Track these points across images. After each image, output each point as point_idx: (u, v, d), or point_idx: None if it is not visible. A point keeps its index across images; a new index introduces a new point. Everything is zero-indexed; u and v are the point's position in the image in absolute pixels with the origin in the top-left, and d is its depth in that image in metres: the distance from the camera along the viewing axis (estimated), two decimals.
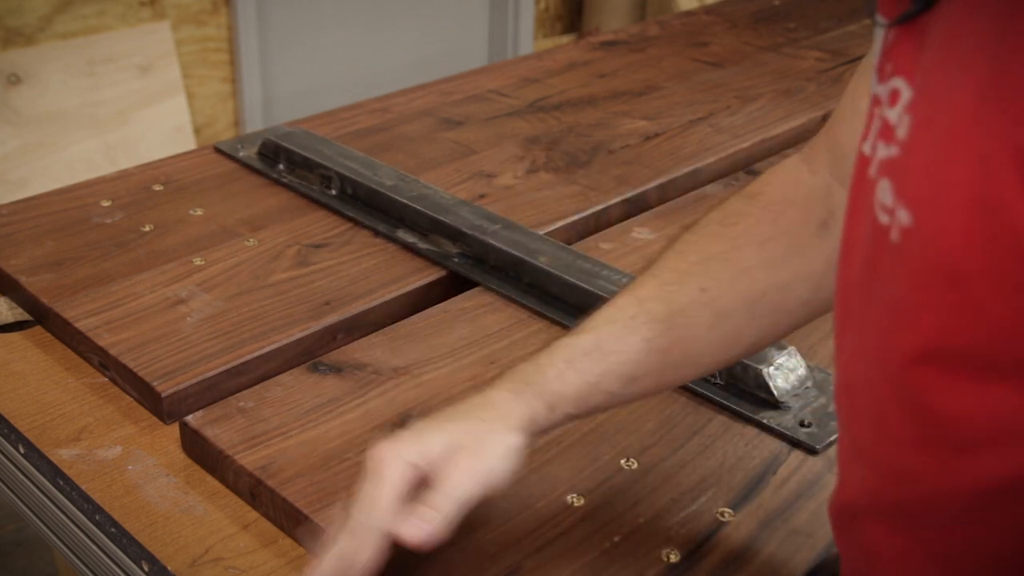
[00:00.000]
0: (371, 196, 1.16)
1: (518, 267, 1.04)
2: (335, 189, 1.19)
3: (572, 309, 0.98)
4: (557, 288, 1.00)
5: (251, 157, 1.28)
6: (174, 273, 1.04)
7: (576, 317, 0.92)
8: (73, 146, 2.50)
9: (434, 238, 1.10)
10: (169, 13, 2.63)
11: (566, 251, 1.05)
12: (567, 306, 0.99)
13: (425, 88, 1.57)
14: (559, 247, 1.06)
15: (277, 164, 1.26)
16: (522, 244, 1.05)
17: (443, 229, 1.09)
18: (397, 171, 1.20)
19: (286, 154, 1.25)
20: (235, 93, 2.81)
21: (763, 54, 1.76)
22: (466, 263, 1.07)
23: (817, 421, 0.87)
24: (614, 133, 1.43)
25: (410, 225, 1.12)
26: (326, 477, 0.78)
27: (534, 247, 1.05)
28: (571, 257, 1.03)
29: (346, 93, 2.81)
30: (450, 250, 1.08)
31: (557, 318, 0.98)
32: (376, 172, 1.19)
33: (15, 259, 1.06)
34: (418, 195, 1.14)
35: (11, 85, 2.41)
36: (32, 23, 2.44)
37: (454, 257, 1.07)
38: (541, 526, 0.75)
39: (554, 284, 1.01)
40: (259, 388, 0.88)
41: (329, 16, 2.95)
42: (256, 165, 1.26)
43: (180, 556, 0.75)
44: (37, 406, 0.89)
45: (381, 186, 1.16)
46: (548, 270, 1.01)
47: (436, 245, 1.09)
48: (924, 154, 0.50)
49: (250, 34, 2.77)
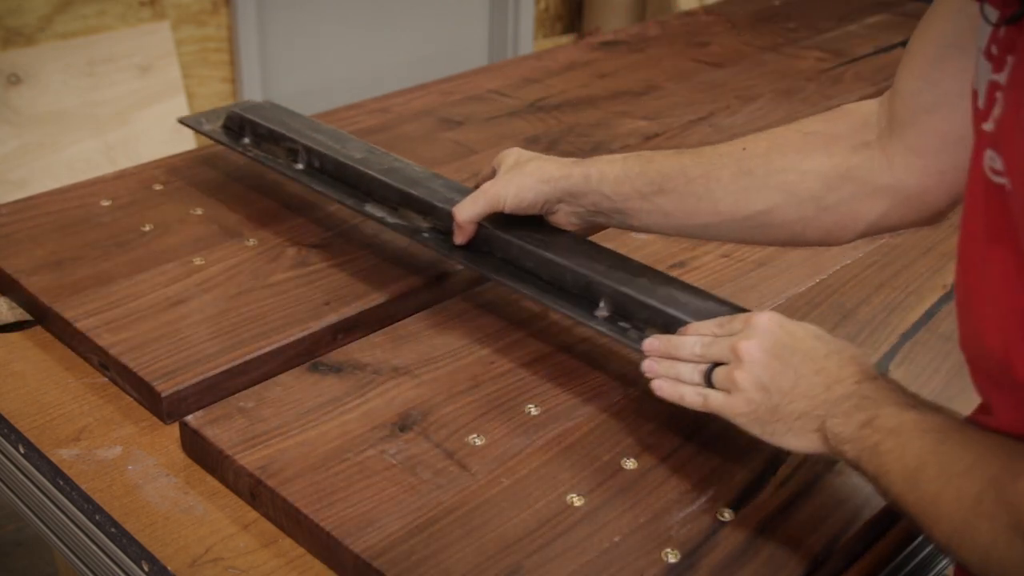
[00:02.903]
0: (339, 169, 1.10)
1: (490, 242, 0.98)
2: (302, 163, 1.13)
3: (545, 284, 0.94)
4: (532, 263, 0.95)
5: (216, 131, 1.22)
6: (174, 273, 1.04)
7: (553, 294, 0.92)
8: (73, 146, 2.50)
9: (404, 212, 1.04)
10: (169, 13, 2.63)
11: (539, 228, 0.97)
12: (540, 280, 0.94)
13: (425, 88, 1.57)
14: (532, 220, 0.98)
15: (242, 138, 1.20)
16: (495, 217, 0.97)
17: (413, 203, 1.03)
18: (367, 144, 1.14)
19: (251, 127, 1.19)
20: (235, 93, 2.81)
21: (763, 54, 1.76)
22: (437, 238, 1.00)
23: None
24: (614, 133, 1.43)
25: (379, 199, 1.06)
26: (326, 477, 0.78)
27: (508, 223, 0.98)
28: (544, 234, 0.97)
29: (346, 93, 2.80)
30: (420, 224, 1.02)
31: (533, 295, 0.92)
32: (345, 145, 1.13)
33: (15, 259, 1.06)
34: (388, 168, 1.08)
35: (11, 85, 2.41)
36: (32, 23, 2.43)
37: (424, 232, 1.01)
38: (541, 526, 0.75)
39: (529, 259, 0.95)
40: (259, 388, 0.88)
41: (329, 16, 2.95)
42: (221, 139, 1.21)
43: (180, 556, 0.75)
44: (37, 406, 0.89)
45: (349, 159, 1.09)
46: (521, 244, 0.95)
47: (406, 219, 1.03)
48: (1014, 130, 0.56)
49: (250, 34, 2.76)
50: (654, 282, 0.90)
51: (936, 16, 0.77)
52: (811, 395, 0.72)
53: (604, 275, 0.90)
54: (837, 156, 0.84)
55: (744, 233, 0.89)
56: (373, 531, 0.73)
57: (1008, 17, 0.59)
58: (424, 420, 0.85)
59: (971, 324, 0.66)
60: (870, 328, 1.02)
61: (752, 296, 1.06)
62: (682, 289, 0.89)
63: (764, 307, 1.05)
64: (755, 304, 1.05)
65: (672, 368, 0.80)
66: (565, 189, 0.92)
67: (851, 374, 0.72)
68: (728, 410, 0.75)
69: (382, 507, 0.76)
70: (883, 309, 1.06)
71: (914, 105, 0.79)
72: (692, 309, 0.85)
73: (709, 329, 0.80)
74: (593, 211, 0.93)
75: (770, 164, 0.85)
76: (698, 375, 0.78)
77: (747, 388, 0.74)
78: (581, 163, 0.92)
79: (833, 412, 0.71)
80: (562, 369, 0.93)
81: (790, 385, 0.73)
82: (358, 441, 0.83)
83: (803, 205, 0.85)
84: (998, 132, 0.59)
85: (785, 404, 0.73)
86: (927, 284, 1.10)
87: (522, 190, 0.92)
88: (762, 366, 0.74)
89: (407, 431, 0.84)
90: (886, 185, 0.82)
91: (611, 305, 0.89)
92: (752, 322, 0.76)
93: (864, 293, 1.08)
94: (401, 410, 0.86)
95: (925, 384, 0.94)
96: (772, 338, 0.75)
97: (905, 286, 1.10)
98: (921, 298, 1.08)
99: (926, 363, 0.97)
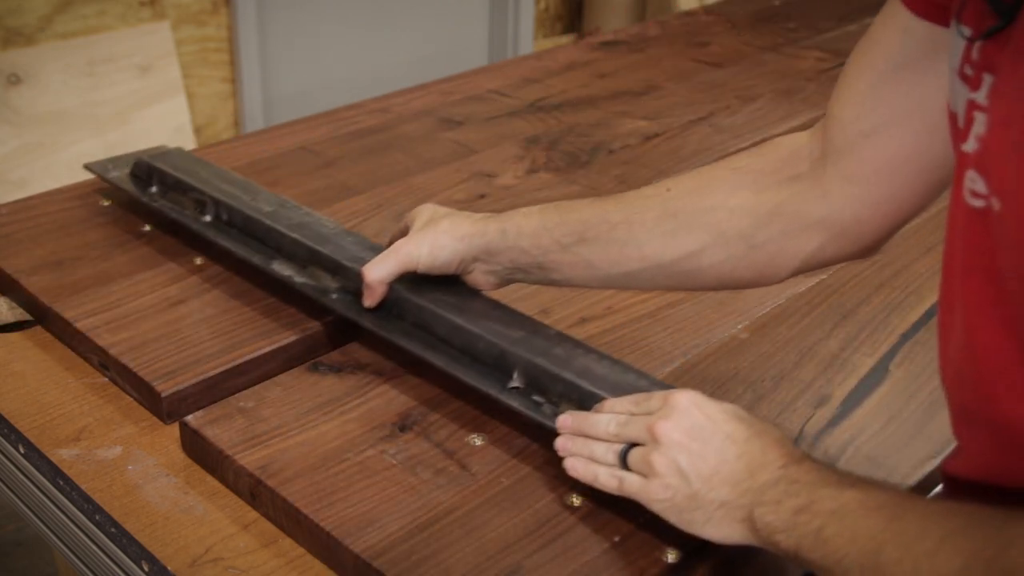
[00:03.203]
0: (247, 223, 1.04)
1: (401, 305, 0.92)
2: (210, 215, 1.07)
3: (456, 352, 0.88)
4: (443, 329, 0.89)
5: (122, 178, 1.16)
6: (174, 273, 1.04)
7: (462, 362, 0.87)
8: (73, 146, 2.50)
9: (312, 270, 0.98)
10: (169, 13, 2.63)
11: (453, 290, 0.92)
12: (451, 348, 0.88)
13: (425, 88, 1.57)
14: (446, 282, 0.92)
15: (150, 187, 1.14)
16: (407, 278, 0.91)
17: (321, 261, 0.97)
18: (279, 197, 1.08)
19: (159, 176, 1.13)
20: (235, 93, 2.81)
21: (763, 54, 1.76)
22: (345, 299, 0.94)
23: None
24: (614, 133, 1.44)
25: (288, 256, 1.00)
26: (326, 477, 0.78)
27: (420, 284, 0.92)
28: (458, 298, 0.91)
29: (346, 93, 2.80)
30: (329, 284, 0.96)
31: (442, 365, 0.87)
32: (255, 197, 1.07)
33: (15, 259, 1.06)
34: (297, 223, 1.02)
35: (11, 85, 2.41)
36: (32, 23, 2.43)
37: (332, 292, 0.95)
38: (541, 526, 0.75)
39: (440, 325, 0.89)
40: (259, 388, 0.88)
41: (329, 16, 2.95)
42: (126, 187, 1.15)
43: (180, 556, 0.75)
44: (37, 406, 0.89)
45: (258, 212, 1.04)
46: (433, 309, 0.89)
47: (314, 279, 0.97)
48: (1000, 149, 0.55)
49: (250, 34, 2.77)
50: (571, 353, 0.85)
51: (877, 39, 0.74)
52: (734, 481, 0.68)
53: (518, 344, 0.85)
54: (766, 191, 0.80)
55: (673, 279, 0.84)
56: (373, 531, 0.73)
57: (985, 32, 0.57)
58: (424, 420, 0.85)
59: (948, 357, 0.64)
60: (870, 328, 1.02)
61: (752, 297, 1.06)
62: (600, 360, 0.84)
63: (764, 307, 1.05)
64: (755, 304, 1.05)
65: (586, 447, 0.75)
66: (481, 246, 0.87)
67: (776, 458, 0.68)
68: (644, 496, 0.71)
69: (382, 507, 0.76)
70: (883, 309, 1.06)
71: (852, 131, 0.75)
72: (610, 383, 0.81)
73: (625, 407, 0.76)
74: (511, 268, 0.88)
75: (696, 204, 0.82)
76: (612, 455, 0.73)
77: (664, 473, 0.70)
78: (497, 218, 0.88)
79: (760, 500, 0.66)
80: None
81: (710, 471, 0.69)
82: (358, 441, 0.83)
83: (732, 244, 0.81)
84: (982, 152, 0.57)
85: (705, 491, 0.68)
86: (927, 284, 1.10)
87: (436, 248, 0.88)
88: (680, 449, 0.70)
89: (407, 431, 0.84)
90: (820, 218, 0.78)
91: (524, 377, 0.84)
92: (670, 401, 0.72)
93: (864, 293, 1.08)
94: (401, 410, 0.86)
95: (925, 384, 0.94)
96: (691, 419, 0.71)
97: (905, 286, 1.10)
98: (921, 298, 1.08)
99: (926, 363, 0.97)
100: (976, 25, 0.59)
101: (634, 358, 0.97)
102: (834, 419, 0.90)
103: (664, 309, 1.04)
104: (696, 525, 0.69)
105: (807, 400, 0.92)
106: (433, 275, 0.90)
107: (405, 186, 1.27)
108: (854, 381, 0.95)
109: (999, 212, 0.55)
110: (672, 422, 0.71)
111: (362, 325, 0.92)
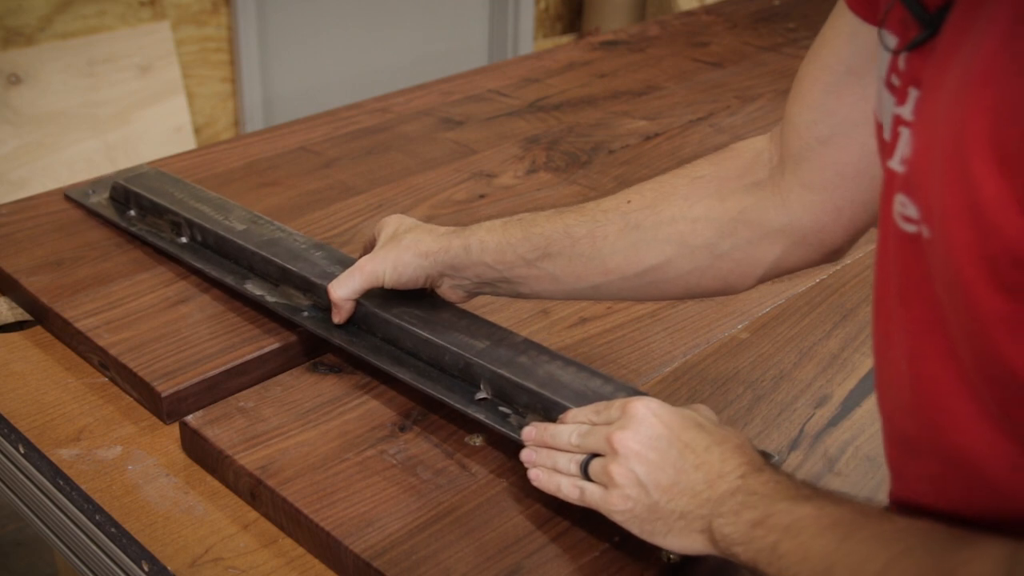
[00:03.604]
0: (220, 243, 1.03)
1: (369, 320, 0.92)
2: (185, 236, 1.07)
3: (424, 365, 0.88)
4: (411, 343, 0.89)
5: (102, 204, 1.16)
6: (174, 273, 1.04)
7: (431, 375, 0.87)
8: (73, 146, 2.50)
9: (284, 288, 0.97)
10: (169, 13, 2.63)
11: (421, 303, 0.92)
12: (419, 362, 0.88)
13: (425, 88, 1.57)
14: (413, 296, 0.92)
15: (128, 210, 1.13)
16: (374, 296, 0.91)
17: (292, 279, 0.96)
18: (252, 213, 1.07)
19: (136, 199, 1.12)
20: (235, 93, 2.81)
21: (763, 54, 1.76)
22: (316, 316, 0.94)
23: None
24: (614, 133, 1.44)
25: (260, 274, 1.00)
26: (326, 477, 0.78)
27: (387, 299, 0.92)
28: (425, 311, 0.91)
29: (346, 93, 2.81)
30: (301, 302, 0.96)
31: (410, 379, 0.86)
32: (228, 215, 1.07)
33: (15, 259, 1.06)
34: (268, 240, 1.01)
35: (11, 85, 2.41)
36: (32, 23, 2.43)
37: (304, 310, 0.95)
38: (541, 526, 0.75)
39: (407, 339, 0.89)
40: (259, 388, 0.88)
41: (329, 16, 2.95)
42: (106, 213, 1.14)
43: (180, 556, 0.75)
44: (37, 406, 0.89)
45: (230, 232, 1.03)
46: (400, 323, 0.89)
47: (286, 297, 0.96)
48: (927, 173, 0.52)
49: (250, 34, 2.76)
50: (535, 360, 0.85)
51: (828, 43, 0.72)
52: (693, 492, 0.67)
53: (483, 355, 0.85)
54: (729, 199, 0.79)
55: (638, 290, 0.84)
56: (373, 531, 0.73)
57: (909, 43, 0.55)
58: (424, 420, 0.85)
59: (888, 385, 0.62)
60: (870, 328, 1.02)
61: (752, 297, 1.06)
62: (565, 367, 0.84)
63: (764, 307, 1.05)
64: (755, 304, 1.05)
65: (550, 457, 0.75)
66: (445, 263, 0.87)
67: (735, 467, 0.67)
68: (604, 507, 0.70)
69: (382, 507, 0.76)
70: None
71: (808, 137, 0.74)
72: (573, 391, 0.81)
73: (586, 416, 0.75)
74: (478, 282, 0.88)
75: (658, 215, 0.81)
76: (574, 466, 0.73)
77: (623, 484, 0.69)
78: (460, 233, 0.87)
79: (719, 511, 0.65)
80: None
81: (669, 481, 0.68)
82: (358, 441, 0.83)
83: (696, 254, 0.80)
84: (910, 175, 0.55)
85: (665, 502, 0.68)
86: None
87: (400, 266, 0.87)
88: (638, 459, 0.69)
89: (407, 431, 0.84)
90: (781, 226, 0.77)
91: (491, 388, 0.84)
92: (628, 410, 0.71)
93: (864, 293, 1.08)
94: (401, 410, 0.86)
95: None
96: (649, 429, 0.70)
97: None
98: None
99: None
100: (902, 34, 0.57)
101: (634, 358, 0.97)
102: (834, 419, 0.90)
103: (664, 309, 1.04)
104: (657, 536, 0.69)
105: (807, 400, 0.92)
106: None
107: (405, 186, 1.27)
108: (854, 381, 0.95)
109: (929, 239, 0.53)
110: (630, 432, 0.70)
111: (332, 342, 0.91)
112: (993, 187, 0.46)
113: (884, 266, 0.60)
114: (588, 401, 0.78)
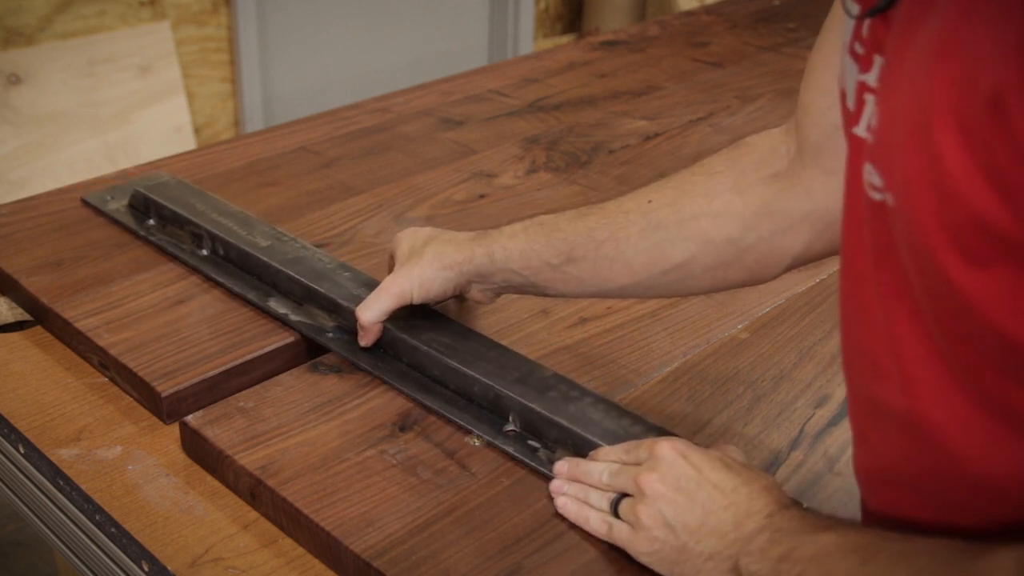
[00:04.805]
0: (243, 259, 1.02)
1: (396, 346, 0.91)
2: (206, 249, 1.05)
3: (452, 394, 0.87)
4: (438, 371, 0.88)
5: (120, 210, 1.14)
6: (174, 273, 1.04)
7: (458, 404, 0.86)
8: (73, 146, 2.50)
9: (308, 308, 0.97)
10: (169, 13, 2.63)
11: (448, 330, 0.91)
12: (447, 390, 0.88)
13: (425, 88, 1.57)
14: (442, 321, 0.93)
15: (147, 219, 1.12)
16: (403, 314, 0.90)
17: (317, 299, 0.96)
18: (276, 229, 1.07)
19: (156, 208, 1.11)
20: (235, 93, 2.81)
21: (763, 54, 1.76)
22: (342, 338, 0.93)
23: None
24: (614, 133, 1.44)
25: (284, 292, 0.99)
26: (326, 477, 0.78)
27: (415, 323, 0.91)
28: (453, 338, 0.90)
29: (346, 93, 2.80)
30: (325, 323, 0.95)
31: (436, 407, 0.86)
32: (251, 230, 1.05)
33: (15, 259, 1.06)
34: (293, 258, 1.00)
35: (11, 85, 2.41)
36: (32, 23, 2.43)
37: (328, 331, 0.94)
38: (541, 526, 0.75)
39: (435, 367, 0.88)
40: (259, 388, 0.88)
41: (329, 16, 2.95)
42: (124, 220, 1.12)
43: (180, 556, 0.75)
44: (37, 406, 0.89)
45: (254, 247, 1.02)
46: (428, 351, 0.88)
47: (310, 317, 0.96)
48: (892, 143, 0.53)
49: (250, 34, 2.76)
50: (565, 397, 0.84)
51: (836, 27, 0.72)
52: (721, 533, 0.67)
53: (513, 387, 0.84)
54: (749, 193, 0.80)
55: (665, 288, 0.84)
56: (373, 531, 0.73)
57: (870, 9, 0.56)
58: (424, 420, 0.85)
59: (856, 349, 0.63)
60: None
61: (752, 296, 1.06)
62: (595, 404, 0.83)
63: (764, 307, 1.05)
64: (755, 304, 1.05)
65: (582, 491, 0.75)
66: (471, 272, 0.87)
67: (762, 506, 0.67)
68: (631, 548, 0.71)
69: (382, 507, 0.76)
70: None
71: (825, 123, 0.74)
72: (603, 429, 0.80)
73: (617, 455, 0.75)
74: (505, 286, 0.88)
75: (679, 212, 0.81)
76: (606, 503, 0.73)
77: (650, 525, 0.69)
78: (481, 241, 0.86)
79: (746, 550, 0.65)
80: (562, 368, 0.93)
81: (697, 523, 0.68)
82: (358, 441, 0.83)
83: (721, 250, 0.80)
84: (876, 145, 0.55)
85: (693, 543, 0.68)
86: None
87: (425, 282, 0.87)
88: (666, 501, 0.69)
89: (407, 431, 0.84)
90: (805, 214, 0.78)
91: (520, 421, 0.83)
92: (655, 452, 0.72)
93: None
94: (401, 410, 0.86)
95: None
96: (676, 470, 0.70)
97: None
98: None
99: None
100: (864, 0, 0.57)
101: (634, 358, 0.97)
102: (834, 419, 0.90)
103: (664, 309, 1.04)
104: None
105: (807, 400, 0.92)
106: (429, 310, 0.91)
107: (405, 186, 1.27)
108: None
109: (893, 208, 0.54)
110: (657, 474, 0.70)
111: (358, 366, 0.90)
112: (956, 157, 0.47)
113: (854, 233, 0.61)
114: (618, 440, 0.78)
